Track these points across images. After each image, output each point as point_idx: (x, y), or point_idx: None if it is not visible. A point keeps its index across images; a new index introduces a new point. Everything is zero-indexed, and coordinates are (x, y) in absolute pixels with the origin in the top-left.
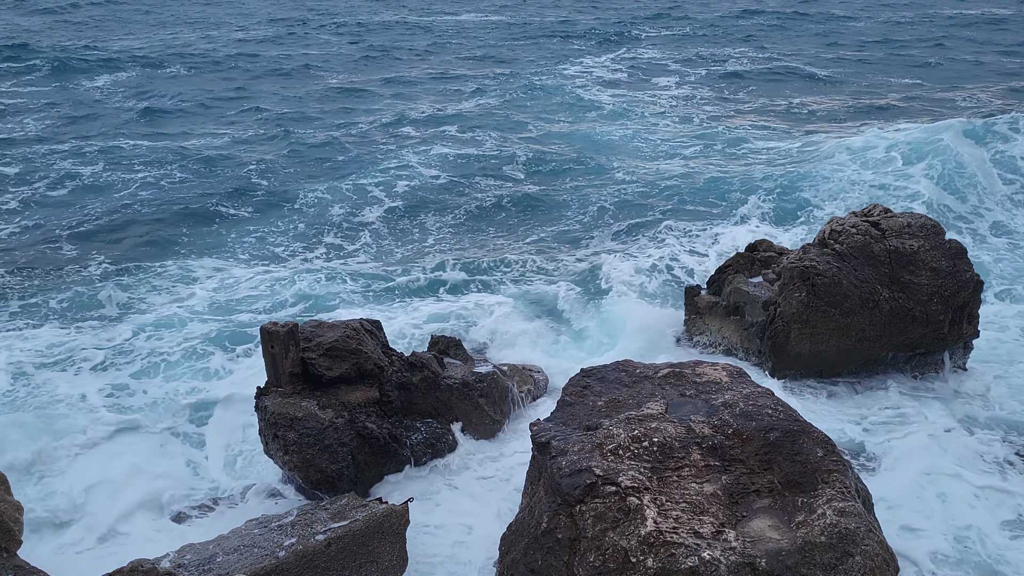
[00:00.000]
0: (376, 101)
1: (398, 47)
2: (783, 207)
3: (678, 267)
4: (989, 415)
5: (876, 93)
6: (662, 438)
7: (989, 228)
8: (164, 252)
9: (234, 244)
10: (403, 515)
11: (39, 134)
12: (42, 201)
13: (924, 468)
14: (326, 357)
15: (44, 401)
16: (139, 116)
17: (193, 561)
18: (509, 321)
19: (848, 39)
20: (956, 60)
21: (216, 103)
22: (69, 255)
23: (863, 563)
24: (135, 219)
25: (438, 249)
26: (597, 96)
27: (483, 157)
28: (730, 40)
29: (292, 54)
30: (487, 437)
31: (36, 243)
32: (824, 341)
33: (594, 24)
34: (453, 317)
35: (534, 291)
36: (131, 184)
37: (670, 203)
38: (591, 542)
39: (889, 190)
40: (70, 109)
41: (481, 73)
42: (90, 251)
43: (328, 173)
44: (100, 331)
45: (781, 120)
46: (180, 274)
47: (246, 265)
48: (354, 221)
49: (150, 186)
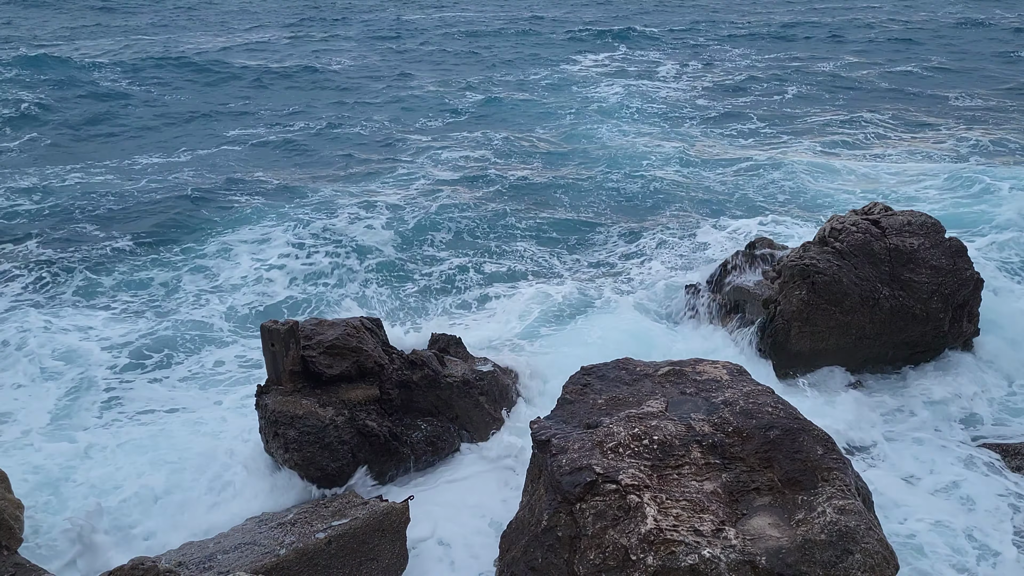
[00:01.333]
0: (377, 96)
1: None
2: (786, 207)
3: (679, 267)
4: (988, 412)
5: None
6: (662, 436)
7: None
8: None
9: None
10: (403, 513)
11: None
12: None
13: (925, 467)
14: (326, 355)
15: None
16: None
17: (193, 559)
18: (510, 319)
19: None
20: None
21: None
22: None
23: (863, 561)
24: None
25: (439, 249)
26: (601, 92)
27: (487, 157)
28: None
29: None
30: (487, 435)
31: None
32: (824, 339)
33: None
34: (454, 317)
35: (535, 291)
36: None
37: (671, 203)
38: (591, 540)
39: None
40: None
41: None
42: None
43: (337, 168)
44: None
45: (785, 121)
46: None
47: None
48: (357, 218)
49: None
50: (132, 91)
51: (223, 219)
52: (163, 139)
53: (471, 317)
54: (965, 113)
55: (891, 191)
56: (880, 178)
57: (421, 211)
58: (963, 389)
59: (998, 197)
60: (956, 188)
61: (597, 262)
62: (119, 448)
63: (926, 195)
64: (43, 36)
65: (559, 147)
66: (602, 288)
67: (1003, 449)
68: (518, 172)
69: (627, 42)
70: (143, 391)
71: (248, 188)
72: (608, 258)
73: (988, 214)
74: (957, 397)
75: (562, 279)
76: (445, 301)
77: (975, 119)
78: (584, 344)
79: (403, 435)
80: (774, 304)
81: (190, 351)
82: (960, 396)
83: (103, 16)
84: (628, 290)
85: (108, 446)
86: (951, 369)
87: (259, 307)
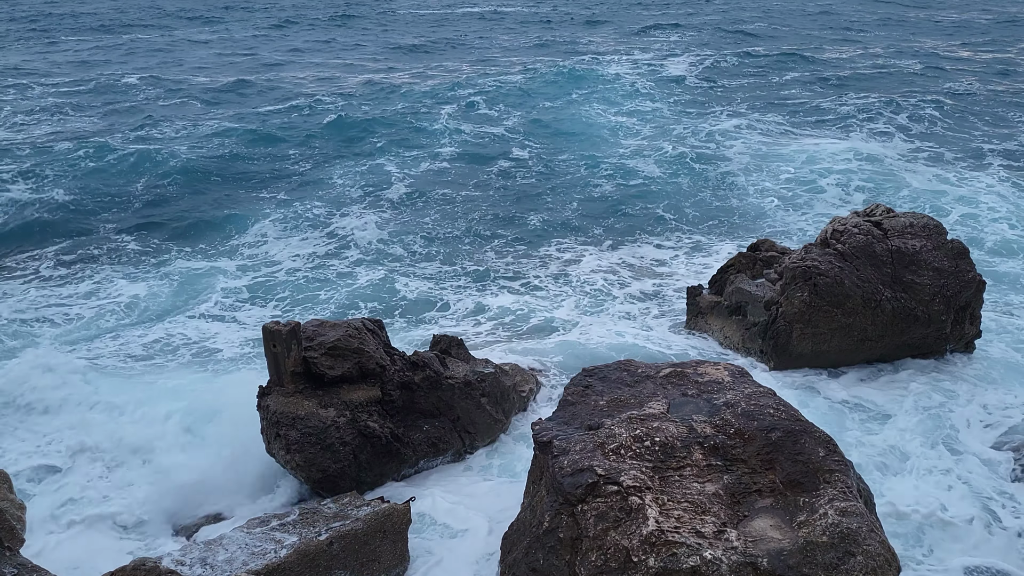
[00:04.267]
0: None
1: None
2: (788, 205)
3: (680, 265)
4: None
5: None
6: (664, 437)
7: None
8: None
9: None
10: (405, 514)
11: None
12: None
13: (925, 467)
14: (328, 356)
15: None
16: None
17: (195, 559)
18: (511, 319)
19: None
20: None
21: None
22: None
23: (865, 563)
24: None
25: (440, 249)
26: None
27: (489, 158)
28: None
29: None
30: (489, 436)
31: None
32: (826, 341)
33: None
34: (455, 317)
35: (537, 290)
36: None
37: (670, 203)
38: (593, 541)
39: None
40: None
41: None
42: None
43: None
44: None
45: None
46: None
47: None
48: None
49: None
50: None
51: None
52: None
53: (473, 317)
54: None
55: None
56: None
57: (420, 212)
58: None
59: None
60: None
61: (597, 262)
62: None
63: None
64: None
65: (558, 146)
66: (602, 287)
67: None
68: (516, 172)
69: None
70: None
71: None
72: (607, 258)
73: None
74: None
75: (563, 279)
76: (447, 300)
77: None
78: (585, 344)
79: (405, 436)
80: (776, 306)
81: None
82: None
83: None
84: (629, 289)
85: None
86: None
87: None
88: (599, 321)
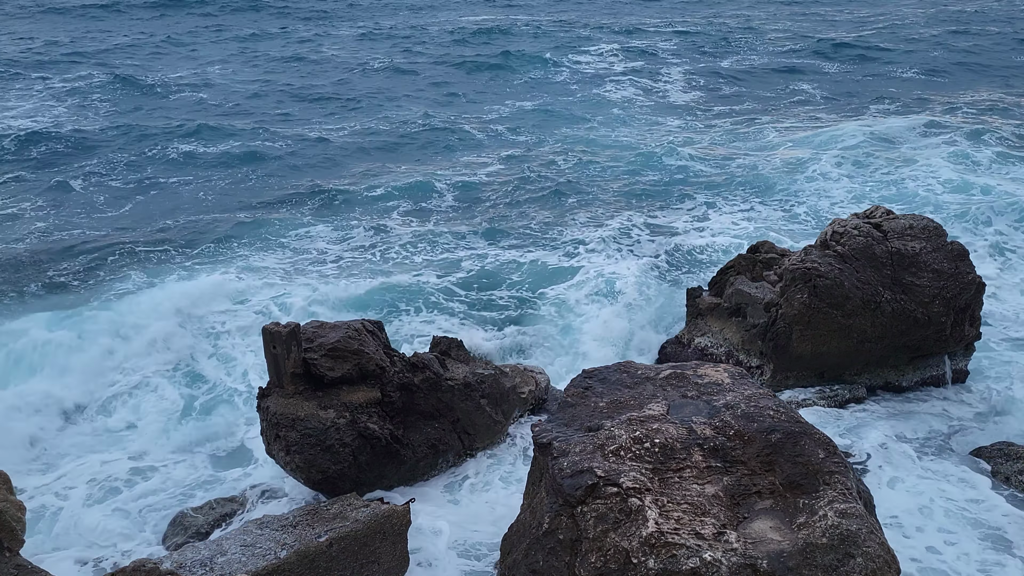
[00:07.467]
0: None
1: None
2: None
3: (681, 266)
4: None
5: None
6: (664, 439)
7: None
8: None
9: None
10: (404, 515)
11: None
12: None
13: (920, 472)
14: (328, 358)
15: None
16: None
17: (195, 561)
18: (512, 320)
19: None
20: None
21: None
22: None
23: (864, 565)
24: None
25: (441, 248)
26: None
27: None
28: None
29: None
30: (488, 438)
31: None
32: (826, 343)
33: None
34: (455, 318)
35: (537, 290)
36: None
37: (671, 204)
38: (592, 543)
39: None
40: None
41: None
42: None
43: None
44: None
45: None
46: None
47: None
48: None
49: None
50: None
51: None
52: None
53: (474, 319)
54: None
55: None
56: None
57: (422, 213)
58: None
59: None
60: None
61: (599, 261)
62: None
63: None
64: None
65: (565, 147)
66: (604, 286)
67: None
68: (516, 168)
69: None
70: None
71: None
72: (610, 256)
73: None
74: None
75: (563, 278)
76: (447, 299)
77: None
78: (585, 345)
79: (404, 437)
80: (775, 307)
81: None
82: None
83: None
84: (628, 290)
85: None
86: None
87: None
88: (599, 322)
